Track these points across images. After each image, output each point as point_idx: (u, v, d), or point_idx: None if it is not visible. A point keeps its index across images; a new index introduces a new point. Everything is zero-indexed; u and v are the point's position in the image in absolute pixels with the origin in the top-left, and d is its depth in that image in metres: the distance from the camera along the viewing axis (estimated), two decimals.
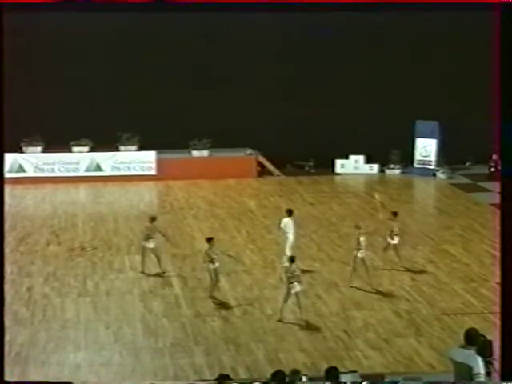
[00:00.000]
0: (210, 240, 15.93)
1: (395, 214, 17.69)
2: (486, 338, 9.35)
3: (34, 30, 25.32)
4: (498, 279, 16.26)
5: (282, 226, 17.36)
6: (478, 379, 8.93)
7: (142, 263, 17.34)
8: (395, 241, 17.36)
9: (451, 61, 26.86)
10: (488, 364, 9.10)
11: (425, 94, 26.60)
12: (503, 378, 7.75)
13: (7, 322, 14.31)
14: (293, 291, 14.50)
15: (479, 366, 8.95)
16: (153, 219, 17.40)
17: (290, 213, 17.40)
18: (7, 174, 25.39)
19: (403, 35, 26.34)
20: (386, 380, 10.67)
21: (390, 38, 26.42)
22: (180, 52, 26.47)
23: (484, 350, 9.13)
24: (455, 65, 26.86)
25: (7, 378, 8.78)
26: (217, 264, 15.61)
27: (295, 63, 26.85)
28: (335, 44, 26.51)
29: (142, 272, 17.17)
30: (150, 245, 17.14)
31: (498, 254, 17.96)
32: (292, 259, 14.73)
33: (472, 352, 9.07)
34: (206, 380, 11.65)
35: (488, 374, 9.07)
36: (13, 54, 24.33)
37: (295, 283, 14.43)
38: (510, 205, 8.00)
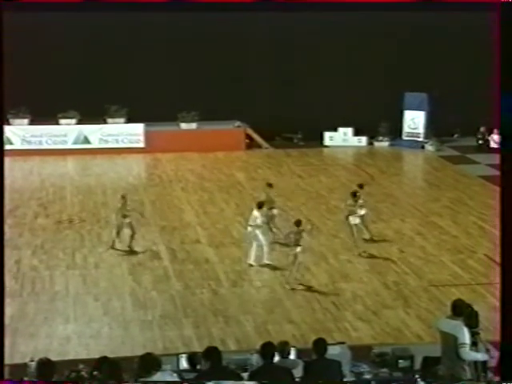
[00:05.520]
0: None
1: (361, 186, 17.76)
2: (472, 308, 9.40)
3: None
4: (485, 251, 16.44)
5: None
6: (462, 349, 9.02)
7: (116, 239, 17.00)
8: (362, 212, 17.27)
9: (440, 33, 26.80)
10: (474, 334, 9.17)
11: (413, 66, 26.57)
12: (503, 378, 7.79)
13: None
14: (292, 252, 14.91)
15: (465, 337, 9.04)
16: (123, 197, 17.14)
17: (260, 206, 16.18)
18: None
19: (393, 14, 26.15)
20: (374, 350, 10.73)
21: (379, 14, 26.22)
22: (168, 25, 26.27)
23: (471, 320, 9.19)
24: (443, 37, 26.81)
25: None
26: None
27: (284, 36, 26.72)
28: (324, 20, 26.29)
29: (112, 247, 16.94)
30: (127, 220, 16.95)
31: (485, 226, 18.13)
32: (298, 223, 15.15)
33: (459, 322, 9.14)
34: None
35: (474, 344, 9.14)
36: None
37: (298, 246, 14.83)
38: (510, 179, 8.00)
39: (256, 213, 16.04)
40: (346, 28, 26.71)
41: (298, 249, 14.90)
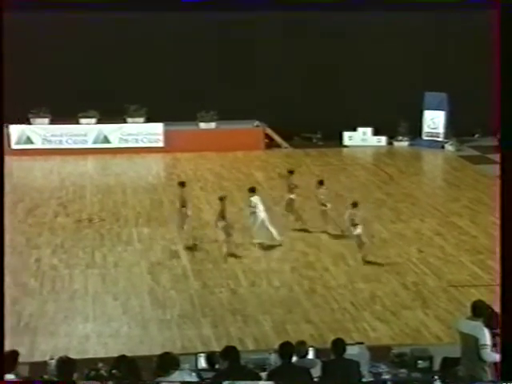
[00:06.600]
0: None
1: (321, 182, 18.07)
2: (492, 309, 9.36)
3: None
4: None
5: (252, 205, 17.10)
6: (483, 350, 8.98)
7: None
8: (328, 207, 17.82)
9: (461, 32, 26.66)
10: (495, 335, 9.13)
11: (433, 66, 26.45)
12: (503, 378, 7.77)
13: (17, 293, 14.48)
14: (354, 233, 15.98)
15: (485, 338, 9.00)
16: (222, 199, 16.93)
17: (253, 190, 17.31)
18: (15, 146, 25.66)
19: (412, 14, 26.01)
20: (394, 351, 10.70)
21: (398, 14, 26.11)
22: (188, 24, 26.30)
23: (491, 321, 9.15)
24: (464, 37, 26.66)
25: (17, 348, 8.84)
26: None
27: (302, 35, 26.69)
28: (342, 20, 26.20)
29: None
30: (222, 223, 16.74)
31: None
32: (355, 204, 16.12)
33: (479, 323, 9.10)
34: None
35: (494, 345, 9.09)
36: (19, 25, 24.28)
37: (356, 226, 15.92)
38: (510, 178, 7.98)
39: (256, 198, 17.05)
40: (365, 27, 26.61)
41: (358, 229, 15.90)
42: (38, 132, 25.95)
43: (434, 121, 27.20)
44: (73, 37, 25.91)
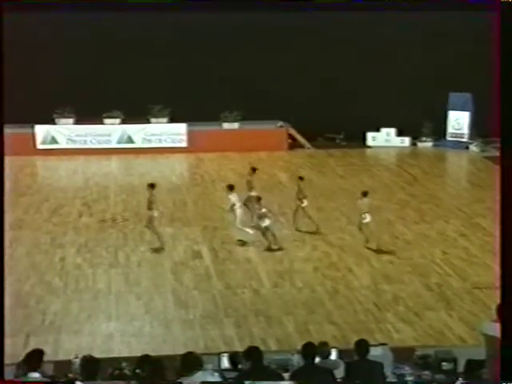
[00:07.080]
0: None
1: (301, 178, 18.45)
2: None
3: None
4: None
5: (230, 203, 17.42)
6: None
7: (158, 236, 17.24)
8: (304, 203, 17.99)
9: (484, 32, 26.45)
10: None
11: (458, 66, 26.29)
12: (503, 378, 7.69)
13: (41, 291, 14.59)
14: (364, 221, 16.71)
15: None
16: (152, 186, 17.18)
17: (231, 188, 17.65)
18: (40, 146, 25.87)
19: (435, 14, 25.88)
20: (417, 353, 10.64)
21: (423, 11, 25.99)
22: (212, 24, 26.35)
23: None
24: (489, 37, 26.45)
25: (41, 346, 8.89)
26: None
27: (327, 36, 26.64)
28: (366, 19, 26.13)
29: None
30: (155, 214, 17.04)
31: None
32: (365, 193, 16.91)
33: None
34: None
35: None
36: (44, 25, 24.45)
37: (365, 214, 16.63)
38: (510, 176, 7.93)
39: (233, 195, 17.43)
40: (389, 27, 26.51)
41: (367, 218, 16.60)
42: (62, 132, 26.13)
43: (459, 121, 27.05)
44: (98, 37, 26.05)
